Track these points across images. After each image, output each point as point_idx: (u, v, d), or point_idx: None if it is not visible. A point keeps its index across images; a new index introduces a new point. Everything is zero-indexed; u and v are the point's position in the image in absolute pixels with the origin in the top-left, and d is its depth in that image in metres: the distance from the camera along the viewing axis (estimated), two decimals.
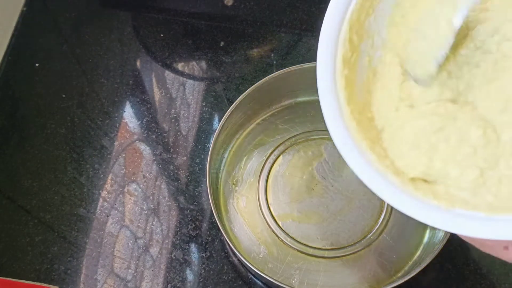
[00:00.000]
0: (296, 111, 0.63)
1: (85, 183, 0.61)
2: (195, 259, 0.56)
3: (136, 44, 0.71)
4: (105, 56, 0.69)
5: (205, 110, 0.65)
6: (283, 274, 0.54)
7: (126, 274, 0.56)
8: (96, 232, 0.58)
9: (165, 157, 0.62)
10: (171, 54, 0.70)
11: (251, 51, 0.69)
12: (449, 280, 0.55)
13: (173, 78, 0.68)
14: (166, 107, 0.65)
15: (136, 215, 0.59)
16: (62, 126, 0.64)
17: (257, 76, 0.65)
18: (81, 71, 0.69)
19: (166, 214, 0.59)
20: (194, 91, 0.67)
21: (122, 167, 0.61)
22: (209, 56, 0.69)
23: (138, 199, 0.59)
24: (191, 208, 0.59)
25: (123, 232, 0.58)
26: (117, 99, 0.66)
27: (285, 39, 0.70)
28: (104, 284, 0.55)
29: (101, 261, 0.56)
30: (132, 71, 0.68)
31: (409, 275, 0.48)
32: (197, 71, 0.69)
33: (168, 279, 0.55)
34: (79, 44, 0.71)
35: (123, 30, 0.72)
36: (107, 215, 0.59)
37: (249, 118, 0.62)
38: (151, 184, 0.60)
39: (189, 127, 0.64)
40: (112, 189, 0.60)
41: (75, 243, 0.57)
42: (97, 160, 0.62)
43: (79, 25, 0.72)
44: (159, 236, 0.57)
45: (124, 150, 0.63)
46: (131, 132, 0.64)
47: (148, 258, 0.56)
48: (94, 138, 0.63)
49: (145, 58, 0.70)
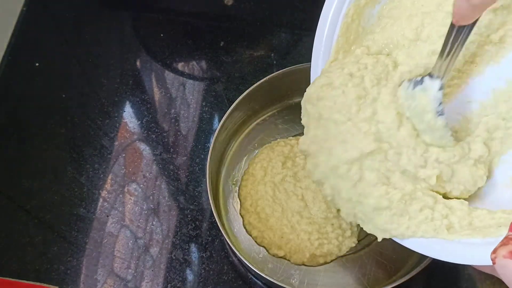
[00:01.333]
0: (296, 111, 0.62)
1: (85, 183, 0.61)
2: (195, 259, 0.56)
3: (136, 44, 0.71)
4: (105, 56, 0.69)
5: (205, 110, 0.65)
6: (283, 274, 0.54)
7: (126, 274, 0.56)
8: (96, 232, 0.58)
9: (165, 157, 0.62)
10: (171, 54, 0.70)
11: (251, 51, 0.69)
12: (449, 280, 0.55)
13: (173, 78, 0.68)
14: (166, 107, 0.65)
15: (136, 215, 0.59)
16: (62, 126, 0.64)
17: (257, 76, 0.65)
18: (81, 71, 0.69)
19: (166, 214, 0.59)
20: (194, 91, 0.67)
21: (122, 167, 0.61)
22: (209, 56, 0.69)
23: (138, 199, 0.59)
24: (191, 208, 0.59)
25: (123, 232, 0.58)
26: (117, 99, 0.66)
27: (285, 39, 0.70)
28: (104, 284, 0.55)
29: (101, 261, 0.56)
30: (132, 71, 0.68)
31: (409, 275, 0.48)
32: (197, 71, 0.69)
33: (168, 279, 0.55)
34: (79, 44, 0.71)
35: (123, 30, 0.72)
36: (107, 215, 0.59)
37: (249, 118, 0.62)
38: (151, 184, 0.60)
39: (189, 127, 0.64)
40: (112, 189, 0.60)
41: (75, 243, 0.57)
42: (97, 160, 0.62)
43: (79, 25, 0.72)
44: (159, 236, 0.57)
45: (124, 150, 0.63)
46: (131, 132, 0.64)
47: (148, 258, 0.56)
48: (94, 138, 0.63)
49: (145, 58, 0.70)
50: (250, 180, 0.58)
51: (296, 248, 0.54)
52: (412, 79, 0.40)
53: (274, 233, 0.55)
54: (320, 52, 0.47)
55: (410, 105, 0.39)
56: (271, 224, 0.55)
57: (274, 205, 0.56)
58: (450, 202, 0.40)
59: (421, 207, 0.39)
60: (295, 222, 0.55)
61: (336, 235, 0.54)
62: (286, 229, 0.55)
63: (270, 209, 0.56)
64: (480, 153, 0.40)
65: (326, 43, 0.46)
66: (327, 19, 0.45)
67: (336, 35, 0.46)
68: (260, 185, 0.57)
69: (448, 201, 0.40)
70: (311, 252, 0.54)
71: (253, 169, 0.59)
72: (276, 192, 0.57)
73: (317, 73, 0.47)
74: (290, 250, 0.54)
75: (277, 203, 0.56)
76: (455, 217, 0.39)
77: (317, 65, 0.47)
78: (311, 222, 0.55)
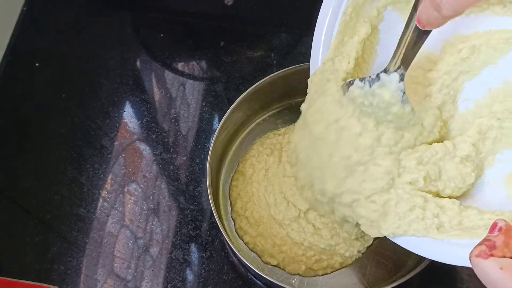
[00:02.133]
0: (296, 111, 0.62)
1: (85, 183, 0.61)
2: (195, 259, 0.56)
3: (136, 44, 0.71)
4: (105, 56, 0.69)
5: (205, 110, 0.65)
6: (283, 274, 0.54)
7: (126, 274, 0.56)
8: (96, 232, 0.58)
9: (165, 157, 0.62)
10: (171, 54, 0.70)
11: (251, 51, 0.69)
12: (449, 280, 0.55)
13: (173, 78, 0.68)
14: (166, 107, 0.65)
15: (136, 215, 0.58)
16: (62, 126, 0.64)
17: (257, 76, 0.65)
18: (81, 71, 0.69)
19: (166, 214, 0.59)
20: (194, 91, 0.67)
21: (122, 167, 0.61)
22: (209, 55, 0.69)
23: (138, 199, 0.59)
24: (191, 208, 0.59)
25: (123, 232, 0.58)
26: (117, 99, 0.66)
27: (285, 39, 0.70)
28: (104, 284, 0.55)
29: (101, 261, 0.56)
30: (132, 71, 0.68)
31: (409, 275, 0.48)
32: (197, 71, 0.69)
33: (168, 279, 0.55)
34: (79, 44, 0.71)
35: (123, 30, 0.72)
36: (107, 215, 0.59)
37: (249, 118, 0.62)
38: (151, 184, 0.60)
39: (189, 127, 0.64)
40: (112, 189, 0.60)
41: (75, 243, 0.57)
42: (97, 160, 0.62)
43: (79, 25, 0.72)
44: (159, 236, 0.57)
45: (124, 150, 0.63)
46: (131, 132, 0.64)
47: (148, 258, 0.56)
48: (94, 138, 0.63)
49: (145, 58, 0.70)
50: (240, 179, 0.57)
51: (290, 260, 0.53)
52: (365, 78, 0.40)
53: (266, 240, 0.53)
54: (320, 44, 0.47)
55: (371, 102, 0.40)
56: (261, 230, 0.54)
57: (261, 210, 0.54)
58: (441, 201, 0.40)
59: (410, 207, 0.40)
60: (285, 234, 0.53)
61: (340, 248, 0.52)
62: (277, 239, 0.53)
63: (258, 214, 0.54)
64: (466, 152, 0.41)
65: (326, 36, 0.46)
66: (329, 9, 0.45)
67: (336, 28, 0.45)
68: (249, 185, 0.56)
69: (439, 200, 0.40)
70: (308, 266, 0.52)
71: (243, 167, 0.57)
72: (265, 193, 0.55)
73: (317, 65, 0.46)
74: (284, 260, 0.53)
75: (265, 207, 0.54)
76: (446, 217, 0.40)
77: (317, 57, 0.47)
78: (306, 231, 0.53)
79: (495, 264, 0.28)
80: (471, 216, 0.39)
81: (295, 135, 0.49)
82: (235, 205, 0.56)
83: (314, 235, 0.52)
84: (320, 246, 0.52)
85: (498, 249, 0.29)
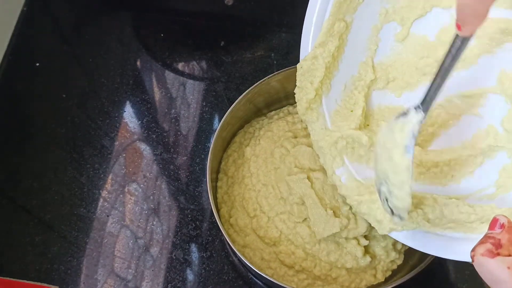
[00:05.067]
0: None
1: (85, 183, 0.61)
2: (195, 259, 0.56)
3: (136, 44, 0.71)
4: (105, 56, 0.69)
5: (205, 110, 0.65)
6: None
7: (127, 274, 0.56)
8: (96, 232, 0.58)
9: (166, 157, 0.62)
10: (171, 54, 0.70)
11: (251, 51, 0.69)
12: (449, 281, 0.55)
13: (173, 78, 0.68)
14: (166, 107, 0.65)
15: (136, 215, 0.58)
16: (62, 126, 0.64)
17: (257, 76, 0.65)
18: (81, 71, 0.69)
19: (166, 214, 0.59)
20: (194, 91, 0.67)
21: (122, 167, 0.61)
22: (209, 55, 0.69)
23: (138, 199, 0.59)
24: (191, 208, 0.59)
25: (123, 232, 0.58)
26: (117, 99, 0.66)
27: (285, 39, 0.70)
28: (104, 284, 0.55)
29: (101, 261, 0.56)
30: (132, 71, 0.68)
31: (409, 275, 0.48)
32: (197, 71, 0.69)
33: (168, 279, 0.55)
34: (79, 44, 0.71)
35: (123, 30, 0.72)
36: (107, 215, 0.59)
37: (249, 118, 0.61)
38: (152, 184, 0.60)
39: (189, 127, 0.64)
40: (112, 189, 0.60)
41: (75, 243, 0.57)
42: (97, 160, 0.62)
43: (79, 25, 0.72)
44: (160, 236, 0.57)
45: (124, 150, 0.63)
46: (131, 132, 0.64)
47: (149, 258, 0.56)
48: (94, 138, 0.63)
49: (145, 58, 0.70)
50: (224, 179, 0.53)
51: (280, 278, 0.48)
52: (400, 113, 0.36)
53: (254, 252, 0.49)
54: (311, 26, 0.45)
55: (385, 141, 0.36)
56: (248, 242, 0.50)
57: (244, 218, 0.50)
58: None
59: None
60: (272, 251, 0.47)
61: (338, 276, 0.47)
62: (265, 254, 0.48)
63: (242, 222, 0.51)
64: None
65: (317, 19, 0.45)
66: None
67: (328, 10, 0.44)
68: (231, 187, 0.51)
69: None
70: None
71: (225, 165, 0.53)
72: (248, 199, 0.50)
73: (307, 51, 0.45)
74: (273, 276, 0.49)
75: (247, 217, 0.50)
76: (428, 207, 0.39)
77: (307, 41, 0.46)
78: (297, 255, 0.47)
79: (502, 263, 0.27)
80: (463, 208, 0.37)
81: None
82: (220, 209, 0.53)
83: (305, 260, 0.47)
84: (315, 273, 0.47)
85: (504, 247, 0.28)
